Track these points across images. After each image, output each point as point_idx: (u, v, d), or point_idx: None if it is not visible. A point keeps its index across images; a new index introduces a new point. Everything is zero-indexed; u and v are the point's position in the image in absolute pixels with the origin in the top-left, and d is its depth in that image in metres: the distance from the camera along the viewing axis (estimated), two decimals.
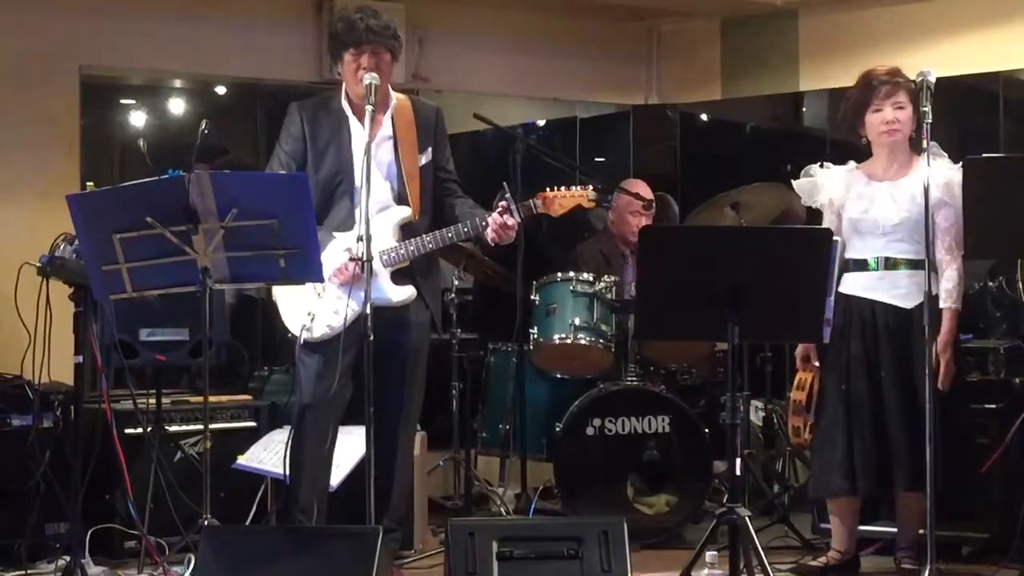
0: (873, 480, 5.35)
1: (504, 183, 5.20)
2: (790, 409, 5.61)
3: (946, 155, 5.36)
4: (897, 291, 5.35)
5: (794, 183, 5.62)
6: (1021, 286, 5.48)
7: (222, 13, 7.07)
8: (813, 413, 5.48)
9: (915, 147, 5.41)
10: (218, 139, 5.17)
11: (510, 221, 5.10)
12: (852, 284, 5.41)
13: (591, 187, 5.25)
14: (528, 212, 5.21)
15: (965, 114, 7.41)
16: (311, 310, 5.17)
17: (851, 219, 5.43)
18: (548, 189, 5.27)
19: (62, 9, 6.64)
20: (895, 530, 5.57)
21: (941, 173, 5.28)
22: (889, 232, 5.36)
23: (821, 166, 5.58)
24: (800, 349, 5.56)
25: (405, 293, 5.24)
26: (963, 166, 5.00)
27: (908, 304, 5.33)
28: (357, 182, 5.06)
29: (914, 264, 5.32)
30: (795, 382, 5.59)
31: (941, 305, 5.27)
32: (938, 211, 5.28)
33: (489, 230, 5.13)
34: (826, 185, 5.53)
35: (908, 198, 5.35)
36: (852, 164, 5.56)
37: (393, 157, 5.29)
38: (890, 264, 5.36)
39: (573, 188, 5.27)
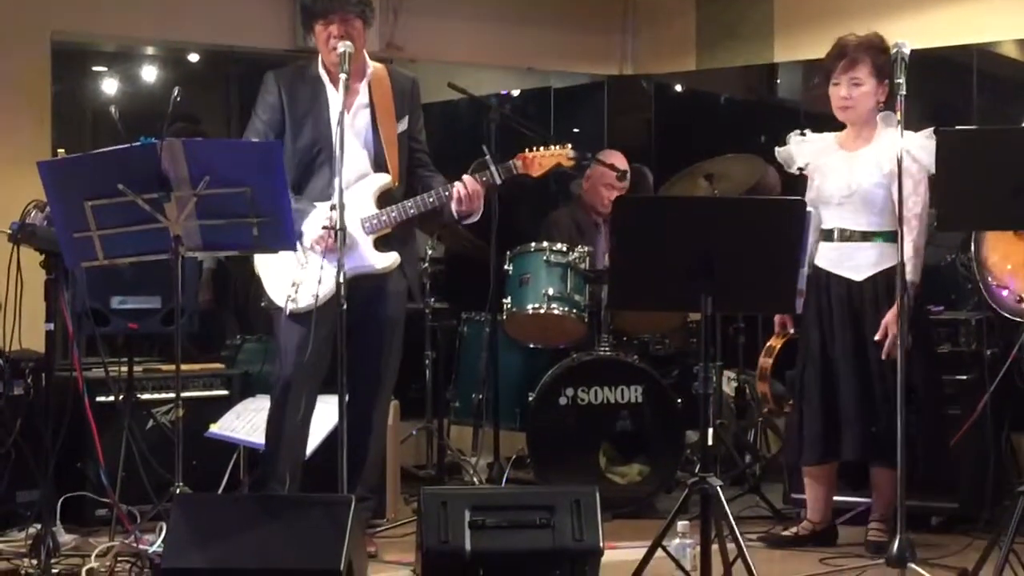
0: (821, 450, 5.39)
1: (484, 146, 5.21)
2: (758, 375, 5.63)
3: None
4: (850, 263, 5.35)
5: (777, 151, 5.62)
6: (974, 263, 5.50)
7: None
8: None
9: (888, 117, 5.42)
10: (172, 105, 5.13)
11: (471, 188, 5.09)
12: (819, 256, 5.42)
13: (569, 145, 5.25)
14: (508, 173, 5.22)
15: (939, 87, 7.42)
16: (296, 280, 5.15)
17: (816, 187, 5.46)
18: (528, 150, 5.28)
19: None
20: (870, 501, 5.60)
21: (898, 145, 5.30)
22: (842, 203, 5.36)
23: (802, 134, 5.59)
24: (778, 315, 5.59)
25: (389, 259, 5.22)
26: (936, 138, 5.00)
27: (859, 277, 5.36)
28: (336, 151, 5.03)
29: (867, 236, 5.35)
30: (765, 348, 5.59)
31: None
32: (895, 182, 5.31)
33: (453, 202, 5.13)
34: (802, 152, 5.54)
35: (861, 169, 5.36)
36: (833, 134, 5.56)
37: (371, 124, 5.28)
38: (844, 236, 5.36)
39: (552, 147, 5.28)
